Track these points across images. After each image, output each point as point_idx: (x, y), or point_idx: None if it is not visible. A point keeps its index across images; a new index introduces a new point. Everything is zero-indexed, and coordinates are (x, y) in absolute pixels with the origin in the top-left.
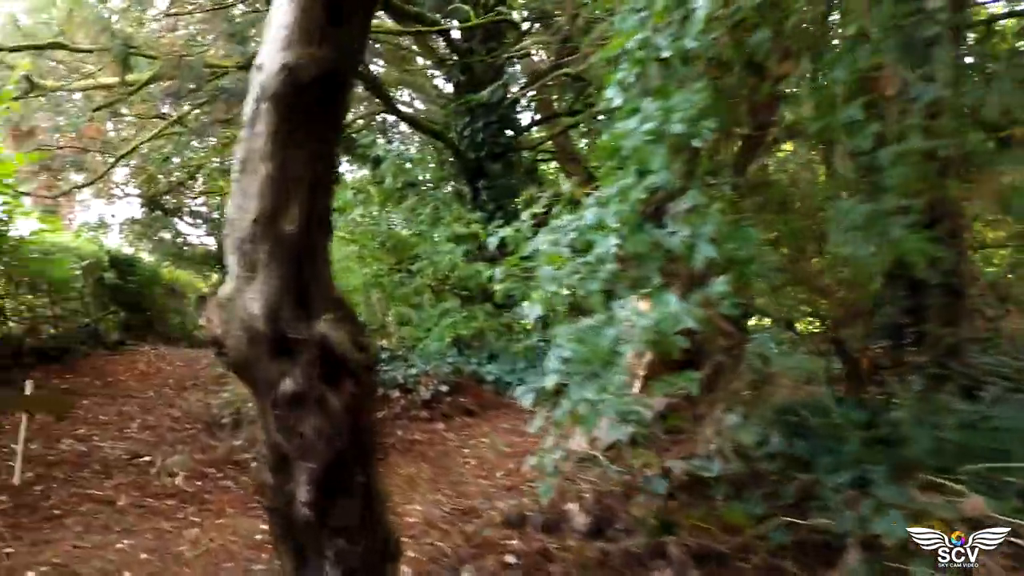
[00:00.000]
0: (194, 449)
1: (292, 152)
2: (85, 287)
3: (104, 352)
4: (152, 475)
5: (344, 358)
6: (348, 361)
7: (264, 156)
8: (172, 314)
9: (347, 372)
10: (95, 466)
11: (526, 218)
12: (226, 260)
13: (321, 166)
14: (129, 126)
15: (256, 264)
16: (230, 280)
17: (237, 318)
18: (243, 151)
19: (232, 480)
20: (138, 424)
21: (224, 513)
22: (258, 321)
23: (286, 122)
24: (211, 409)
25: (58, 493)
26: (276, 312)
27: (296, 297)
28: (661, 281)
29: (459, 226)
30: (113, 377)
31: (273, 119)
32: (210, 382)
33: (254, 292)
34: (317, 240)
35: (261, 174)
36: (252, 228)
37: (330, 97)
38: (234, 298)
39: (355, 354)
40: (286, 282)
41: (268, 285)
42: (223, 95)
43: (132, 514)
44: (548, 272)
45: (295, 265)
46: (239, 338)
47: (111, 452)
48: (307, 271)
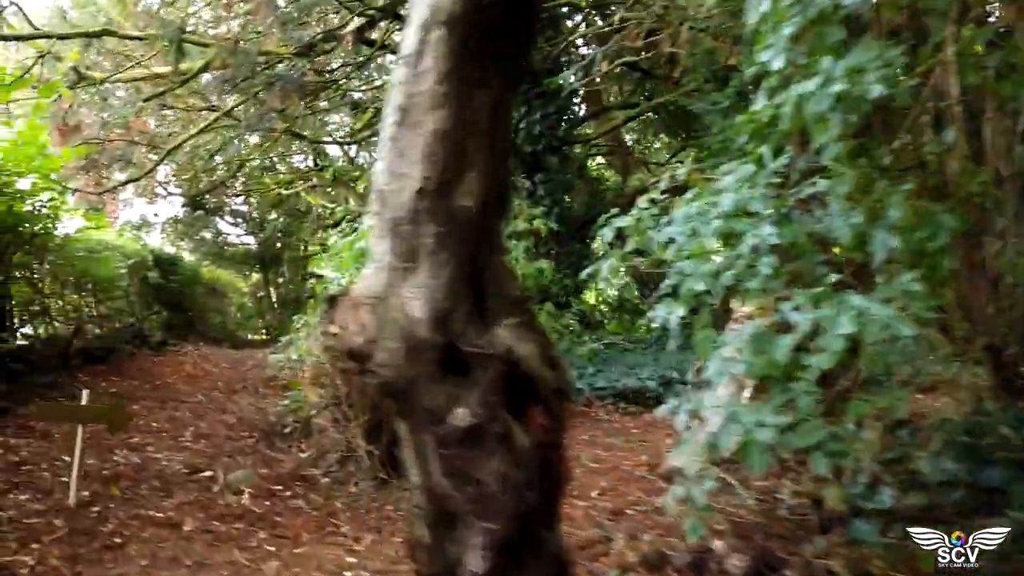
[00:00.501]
0: (256, 462)
1: (471, 97)
2: (130, 286)
3: (148, 353)
4: (215, 493)
5: (533, 378)
6: (538, 383)
7: (434, 103)
8: (213, 314)
9: (536, 397)
10: (153, 482)
11: (644, 204)
12: (372, 245)
13: (503, 117)
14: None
15: (418, 251)
16: (377, 272)
17: (391, 323)
18: (402, 98)
19: (303, 499)
20: (192, 432)
21: (301, 540)
22: (421, 327)
23: (464, 55)
24: (268, 416)
25: (116, 515)
26: (446, 316)
27: (472, 296)
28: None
29: (521, 221)
30: (161, 379)
31: (447, 51)
32: (260, 385)
33: (415, 289)
34: (494, 220)
35: (428, 129)
36: (414, 203)
37: (518, 20)
38: (386, 297)
39: (546, 372)
40: (459, 275)
41: (435, 279)
42: (279, 82)
43: (200, 540)
44: (690, 267)
45: (470, 253)
46: (394, 351)
47: (168, 465)
48: (483, 261)
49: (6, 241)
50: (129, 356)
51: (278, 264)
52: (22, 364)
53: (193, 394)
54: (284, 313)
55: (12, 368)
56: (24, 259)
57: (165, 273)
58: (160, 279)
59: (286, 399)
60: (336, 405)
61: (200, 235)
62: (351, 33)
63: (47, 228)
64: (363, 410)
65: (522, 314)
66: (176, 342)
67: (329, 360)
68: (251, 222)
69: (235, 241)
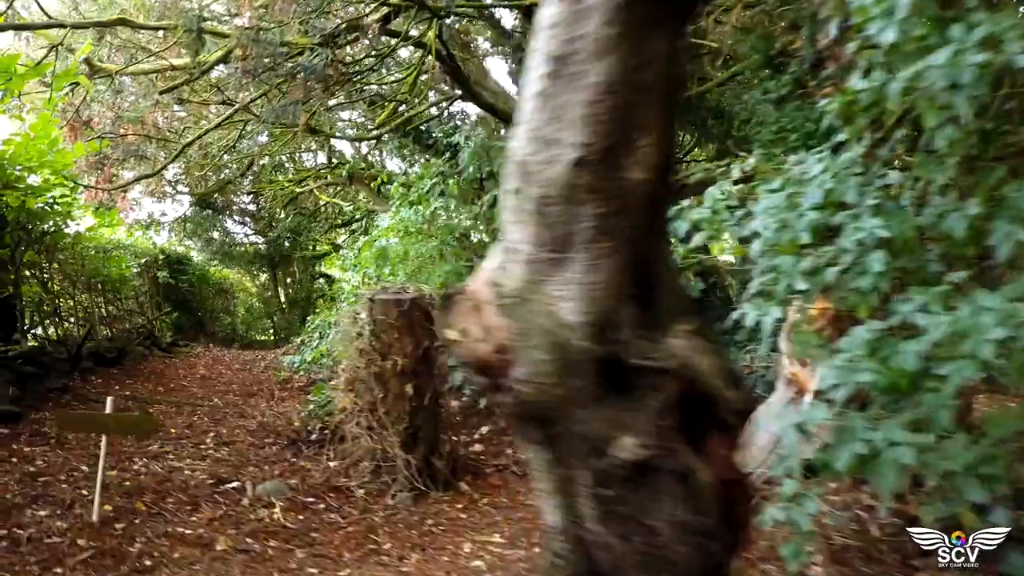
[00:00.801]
0: (284, 471)
1: (645, 39)
2: (142, 286)
3: (159, 354)
4: (245, 506)
5: (712, 399)
6: (719, 405)
7: (600, 48)
8: (222, 314)
9: (715, 423)
10: (178, 495)
11: (720, 195)
12: (506, 232)
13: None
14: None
15: (572, 238)
16: (513, 265)
17: (534, 328)
18: (555, 44)
19: (337, 512)
20: (213, 439)
21: (342, 560)
22: (575, 334)
23: None
24: (291, 421)
25: (143, 532)
26: (607, 320)
27: (639, 296)
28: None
29: None
30: (174, 382)
31: None
32: (276, 387)
33: (566, 285)
34: (663, 198)
35: (590, 81)
36: (570, 176)
37: None
38: (527, 296)
39: (729, 392)
40: (624, 269)
41: (594, 273)
42: (303, 73)
43: (235, 562)
44: (788, 263)
45: (638, 240)
46: (539, 363)
47: (192, 475)
48: (651, 250)
49: (16, 239)
50: (141, 358)
51: (287, 264)
52: (33, 367)
53: (208, 397)
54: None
55: (23, 371)
56: (34, 258)
57: (175, 273)
58: (170, 279)
59: (309, 403)
60: (371, 411)
61: (208, 234)
62: (375, 22)
63: (58, 226)
64: (400, 417)
65: (695, 318)
66: (186, 343)
67: (364, 363)
68: (260, 221)
69: (243, 241)
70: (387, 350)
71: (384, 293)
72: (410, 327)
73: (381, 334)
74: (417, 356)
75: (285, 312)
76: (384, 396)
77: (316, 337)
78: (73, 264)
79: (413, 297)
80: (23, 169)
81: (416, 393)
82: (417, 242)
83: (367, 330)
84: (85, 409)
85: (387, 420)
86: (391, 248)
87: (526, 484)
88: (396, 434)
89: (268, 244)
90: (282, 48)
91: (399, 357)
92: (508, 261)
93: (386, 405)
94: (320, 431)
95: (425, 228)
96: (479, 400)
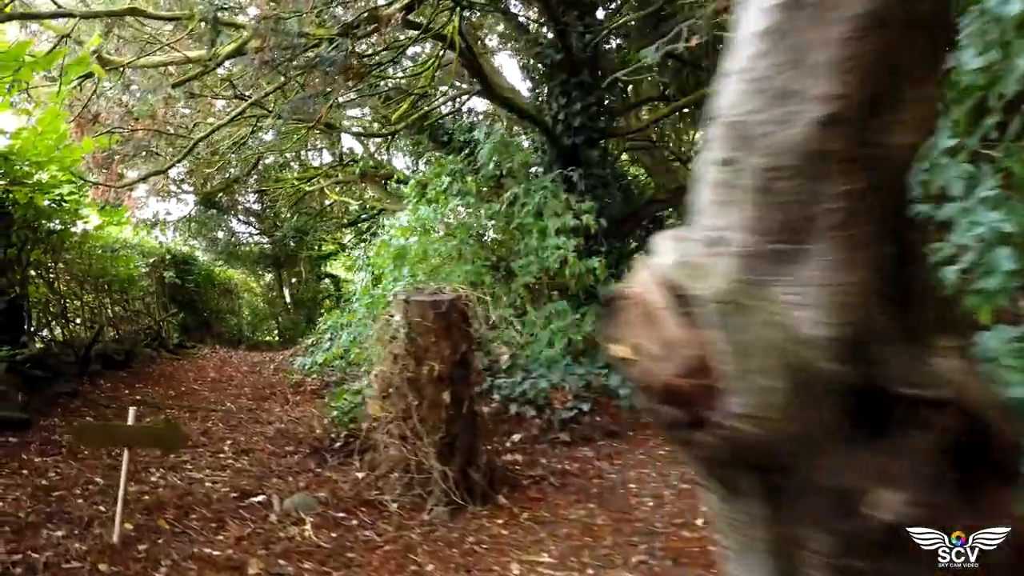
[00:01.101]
0: (310, 484)
1: None
2: (149, 286)
3: (167, 356)
4: (273, 523)
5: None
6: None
7: None
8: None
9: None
10: (202, 510)
11: None
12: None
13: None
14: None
15: (811, 224)
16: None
17: (757, 344)
18: None
19: (371, 529)
20: (231, 447)
21: None
22: (818, 352)
23: None
24: (312, 427)
25: (167, 554)
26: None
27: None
28: None
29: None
30: (185, 385)
31: None
32: (288, 391)
33: (802, 287)
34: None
35: (845, 14)
36: (814, 139)
37: None
38: (744, 301)
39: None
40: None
41: (842, 272)
42: (322, 64)
43: None
44: None
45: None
46: (765, 392)
47: (213, 487)
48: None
49: (23, 237)
50: (149, 360)
51: (292, 264)
52: (41, 370)
53: (221, 402)
54: (298, 315)
55: (31, 375)
56: (41, 257)
57: (181, 273)
58: (176, 279)
59: (333, 409)
60: (404, 419)
61: (213, 234)
62: (399, 11)
63: (65, 224)
64: (435, 426)
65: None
66: (192, 344)
67: (398, 368)
68: (265, 221)
69: (248, 240)
70: (423, 354)
71: (420, 294)
72: (447, 330)
73: (417, 337)
74: (454, 361)
75: (290, 312)
76: (419, 403)
77: (327, 339)
78: (80, 264)
79: (451, 298)
80: (31, 165)
81: (453, 400)
82: (436, 241)
83: (402, 333)
84: (97, 416)
85: (422, 429)
86: (410, 247)
87: (565, 496)
88: (432, 444)
89: (273, 244)
90: (300, 39)
91: (435, 362)
92: (704, 255)
93: (421, 413)
94: (345, 439)
95: (446, 226)
96: (510, 406)
